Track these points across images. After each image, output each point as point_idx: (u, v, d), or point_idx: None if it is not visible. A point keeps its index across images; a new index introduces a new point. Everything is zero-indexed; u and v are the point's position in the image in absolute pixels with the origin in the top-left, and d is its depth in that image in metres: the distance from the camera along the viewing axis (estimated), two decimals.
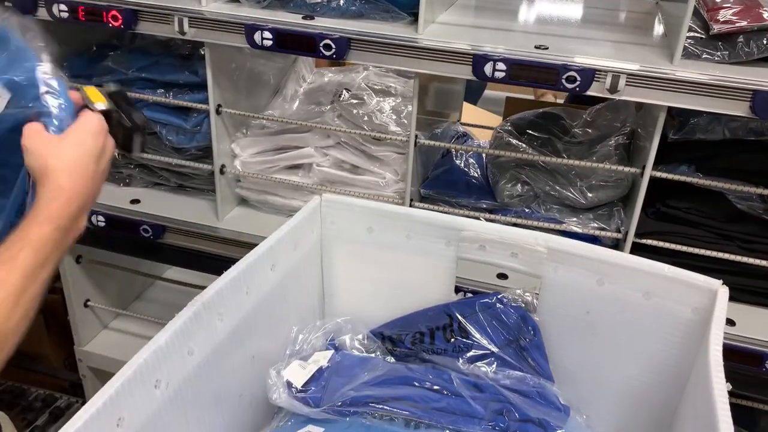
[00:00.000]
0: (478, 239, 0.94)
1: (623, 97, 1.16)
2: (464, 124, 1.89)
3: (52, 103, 0.83)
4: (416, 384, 0.84)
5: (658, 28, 1.42)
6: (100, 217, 1.59)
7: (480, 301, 0.96)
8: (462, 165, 1.61)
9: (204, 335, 0.77)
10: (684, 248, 1.29)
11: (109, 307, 1.92)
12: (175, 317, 0.73)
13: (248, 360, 0.87)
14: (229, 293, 0.81)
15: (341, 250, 1.03)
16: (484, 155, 1.61)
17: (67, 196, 0.78)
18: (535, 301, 0.94)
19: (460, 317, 0.95)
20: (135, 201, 1.62)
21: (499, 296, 0.96)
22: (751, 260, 1.27)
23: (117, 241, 1.65)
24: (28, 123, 0.82)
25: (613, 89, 1.15)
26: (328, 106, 1.63)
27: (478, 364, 0.89)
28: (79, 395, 2.05)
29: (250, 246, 1.53)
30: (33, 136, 0.80)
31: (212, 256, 1.57)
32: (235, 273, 0.82)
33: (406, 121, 1.54)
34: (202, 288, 0.80)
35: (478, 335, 0.93)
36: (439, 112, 1.80)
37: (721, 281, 0.81)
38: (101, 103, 0.88)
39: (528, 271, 0.93)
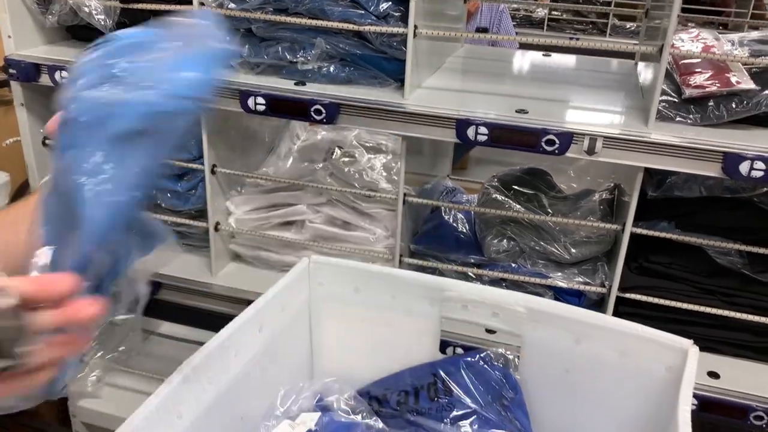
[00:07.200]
0: (460, 299, 0.98)
1: (601, 159, 1.20)
2: (454, 179, 1.94)
3: None
4: None
5: (636, 90, 1.48)
6: None
7: (464, 359, 0.99)
8: (451, 220, 1.65)
9: (193, 399, 0.79)
10: (667, 302, 1.32)
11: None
12: (164, 382, 0.76)
13: (237, 421, 0.89)
14: (217, 357, 0.83)
15: (329, 310, 1.06)
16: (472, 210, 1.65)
17: None
18: (516, 359, 0.97)
19: (444, 375, 0.98)
20: None
21: (482, 354, 0.98)
22: (732, 313, 1.30)
23: None
24: None
25: (591, 151, 1.20)
26: (321, 164, 1.69)
27: (461, 423, 0.91)
28: None
29: (243, 302, 1.56)
30: None
31: (206, 312, 1.60)
32: (223, 337, 0.85)
33: (396, 178, 1.58)
34: (197, 342, 0.83)
35: (461, 393, 0.95)
36: (429, 167, 1.85)
37: (692, 341, 0.84)
38: None
39: (509, 330, 0.96)
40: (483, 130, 1.23)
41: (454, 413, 0.93)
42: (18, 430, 2.11)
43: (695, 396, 1.26)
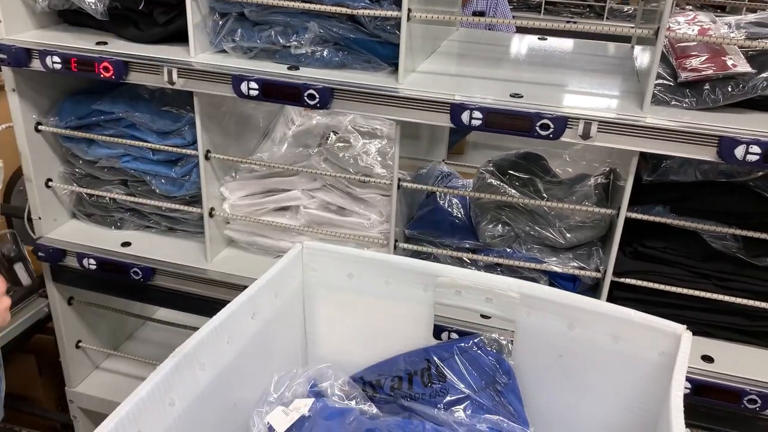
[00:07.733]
0: (453, 285, 0.98)
1: (596, 143, 1.20)
2: (449, 164, 1.94)
3: None
4: None
5: (633, 74, 1.47)
6: (92, 260, 1.62)
7: (457, 344, 0.99)
8: (446, 205, 1.64)
9: (185, 385, 0.79)
10: (661, 287, 1.32)
11: (101, 348, 1.94)
12: (156, 369, 0.75)
13: (230, 408, 0.89)
14: (210, 343, 0.83)
15: (323, 297, 1.06)
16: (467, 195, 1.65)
17: None
18: (509, 344, 0.97)
19: (437, 361, 0.98)
20: (126, 244, 1.65)
21: (475, 340, 0.98)
22: (726, 298, 1.30)
23: (108, 283, 1.68)
24: None
25: (586, 135, 1.20)
26: (316, 149, 1.68)
27: (454, 409, 0.92)
28: None
29: (238, 287, 1.56)
30: None
31: (201, 298, 1.59)
32: (216, 323, 0.85)
33: (391, 163, 1.57)
34: (193, 328, 0.84)
35: (455, 379, 0.95)
36: (424, 152, 1.84)
37: (684, 326, 0.84)
38: None
39: (502, 316, 0.96)
40: (477, 114, 1.22)
41: (448, 398, 0.94)
42: (16, 416, 2.12)
43: (689, 380, 1.27)
